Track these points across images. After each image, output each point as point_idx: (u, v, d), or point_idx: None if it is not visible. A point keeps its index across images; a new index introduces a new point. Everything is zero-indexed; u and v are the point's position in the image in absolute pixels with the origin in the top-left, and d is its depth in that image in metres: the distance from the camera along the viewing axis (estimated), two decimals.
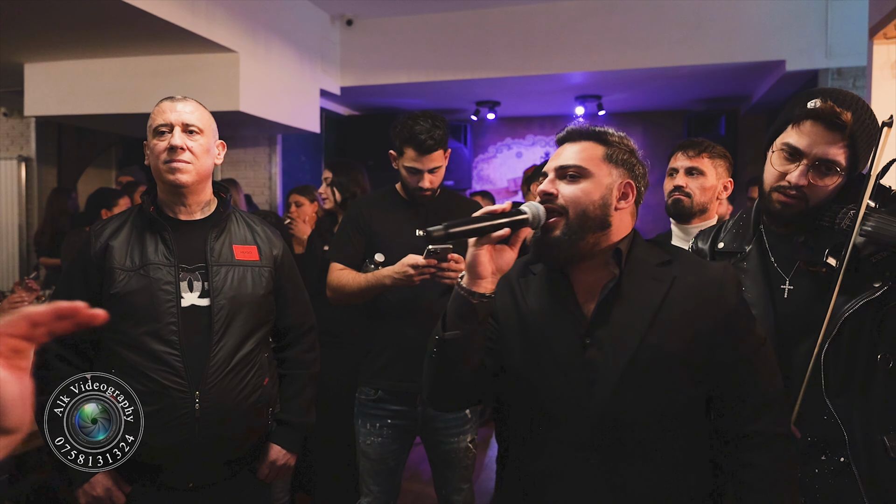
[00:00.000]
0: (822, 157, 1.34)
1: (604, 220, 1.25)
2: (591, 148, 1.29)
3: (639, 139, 8.20)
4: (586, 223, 1.24)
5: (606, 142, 1.30)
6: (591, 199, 1.24)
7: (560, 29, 5.53)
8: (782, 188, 1.39)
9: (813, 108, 1.35)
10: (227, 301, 1.73)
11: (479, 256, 1.20)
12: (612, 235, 1.27)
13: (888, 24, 2.84)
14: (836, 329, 1.31)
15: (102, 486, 1.66)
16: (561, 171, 1.27)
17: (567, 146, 1.31)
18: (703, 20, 5.21)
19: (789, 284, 1.41)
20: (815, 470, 1.37)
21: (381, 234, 2.26)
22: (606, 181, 1.26)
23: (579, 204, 1.24)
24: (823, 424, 1.35)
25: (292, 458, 1.91)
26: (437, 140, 2.18)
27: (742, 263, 1.48)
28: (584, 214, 1.24)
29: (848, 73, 4.95)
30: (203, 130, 1.74)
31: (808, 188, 1.36)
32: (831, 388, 1.34)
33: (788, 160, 1.38)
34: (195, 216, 1.79)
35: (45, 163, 6.39)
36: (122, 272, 1.69)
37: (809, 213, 1.38)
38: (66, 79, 4.87)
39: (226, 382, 1.70)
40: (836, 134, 1.33)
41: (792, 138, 1.38)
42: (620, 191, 1.28)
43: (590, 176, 1.26)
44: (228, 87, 4.56)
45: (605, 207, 1.25)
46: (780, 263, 1.44)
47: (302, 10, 5.46)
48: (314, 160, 6.91)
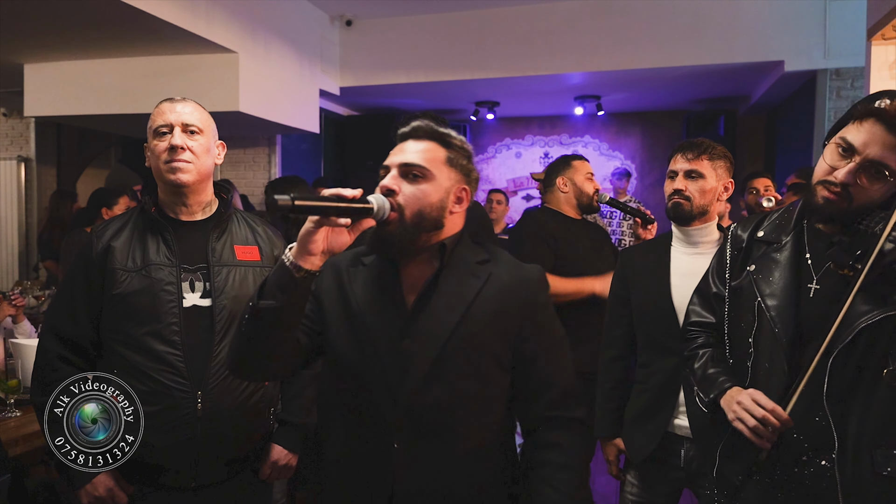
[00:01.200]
0: (875, 158, 1.29)
1: (438, 221, 1.31)
2: (435, 150, 1.33)
3: (638, 139, 8.28)
4: (422, 223, 1.29)
5: (449, 145, 1.34)
6: (429, 201, 1.29)
7: (559, 29, 5.53)
8: (828, 183, 1.34)
9: (878, 106, 1.29)
10: (229, 301, 1.73)
11: (315, 234, 1.18)
12: (442, 234, 1.33)
13: (886, 24, 2.85)
14: (850, 338, 1.29)
15: (104, 486, 1.66)
16: (405, 169, 1.30)
17: (411, 142, 1.33)
18: (702, 21, 5.22)
19: (816, 284, 1.38)
20: (794, 469, 1.36)
21: None
22: (446, 185, 1.32)
23: (418, 204, 1.28)
24: (814, 426, 1.34)
25: (294, 458, 1.91)
26: None
27: (775, 254, 1.45)
28: (420, 214, 1.28)
29: (846, 74, 4.97)
30: (203, 130, 1.74)
31: (854, 188, 1.31)
32: (832, 394, 1.32)
33: (842, 156, 1.33)
34: (196, 217, 1.80)
35: (44, 163, 6.39)
36: (124, 273, 1.69)
37: (851, 213, 1.33)
38: (65, 79, 4.87)
39: (228, 382, 1.70)
40: (894, 137, 1.28)
41: (850, 134, 1.32)
42: (457, 195, 1.34)
43: (431, 178, 1.30)
44: (228, 88, 4.57)
45: (441, 210, 1.31)
46: (813, 261, 1.40)
47: (301, 10, 5.46)
48: (314, 160, 6.91)
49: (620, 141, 8.08)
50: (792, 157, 5.73)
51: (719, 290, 1.56)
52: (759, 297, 1.42)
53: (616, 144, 8.09)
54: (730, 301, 1.52)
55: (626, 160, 8.00)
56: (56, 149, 6.49)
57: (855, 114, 1.33)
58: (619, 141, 8.08)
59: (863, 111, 1.31)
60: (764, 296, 1.42)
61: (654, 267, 2.03)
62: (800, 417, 1.35)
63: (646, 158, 7.97)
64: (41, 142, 6.34)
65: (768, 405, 1.33)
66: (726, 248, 1.57)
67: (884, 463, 1.29)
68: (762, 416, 1.33)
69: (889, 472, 1.29)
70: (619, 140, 8.08)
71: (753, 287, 1.44)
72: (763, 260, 1.46)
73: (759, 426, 1.33)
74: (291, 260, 1.20)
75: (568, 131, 8.19)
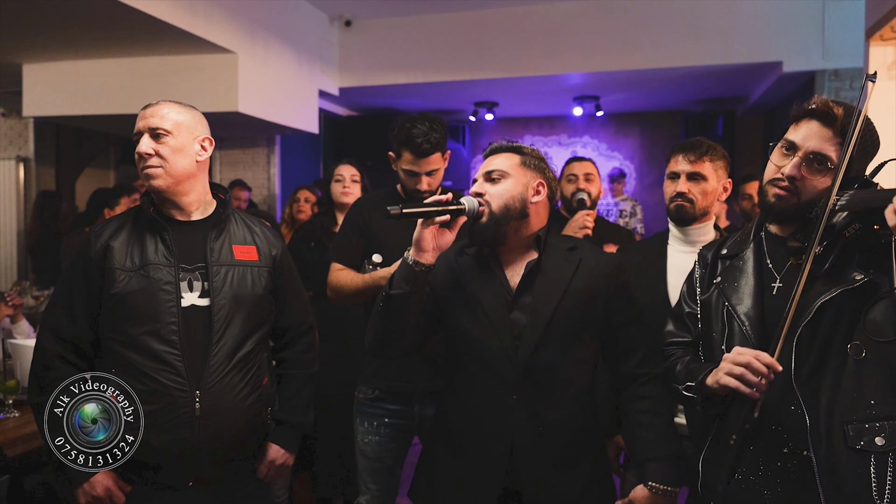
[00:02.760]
0: (815, 150, 1.40)
1: (522, 211, 1.61)
2: (510, 157, 1.65)
3: (636, 140, 8.28)
4: (507, 213, 1.59)
5: (521, 152, 1.67)
6: (511, 195, 1.60)
7: (558, 30, 5.54)
8: (776, 181, 1.44)
9: (810, 105, 1.44)
10: (227, 301, 1.73)
11: (425, 234, 1.53)
12: (531, 225, 1.64)
13: (884, 25, 2.86)
14: (811, 315, 1.35)
15: (102, 485, 1.66)
16: (487, 176, 1.63)
17: (491, 158, 1.67)
18: (701, 21, 5.23)
19: (779, 282, 1.47)
20: (777, 462, 1.39)
21: (379, 234, 2.27)
22: (523, 180, 1.63)
23: (501, 198, 1.59)
24: (790, 415, 1.37)
25: (291, 457, 1.92)
26: (433, 143, 2.19)
27: (738, 262, 1.54)
28: (505, 207, 1.59)
29: (845, 75, 4.98)
30: (172, 131, 1.71)
31: (800, 182, 1.41)
32: (801, 374, 1.36)
33: (785, 154, 1.45)
34: (194, 216, 1.80)
35: (43, 163, 6.39)
36: (123, 272, 1.69)
37: (802, 207, 1.42)
38: (64, 79, 4.87)
39: (226, 382, 1.70)
40: (829, 130, 1.41)
41: (790, 134, 1.46)
42: (535, 189, 1.63)
43: (509, 177, 1.62)
44: (227, 88, 4.57)
45: (523, 201, 1.61)
46: (774, 264, 1.49)
47: (300, 10, 5.47)
48: (313, 161, 6.91)
49: (619, 141, 8.09)
50: None
51: (692, 308, 1.64)
52: (726, 303, 1.51)
53: (615, 145, 8.10)
54: (701, 314, 1.60)
55: (624, 160, 8.01)
56: (55, 149, 6.49)
57: (792, 118, 1.47)
58: (618, 141, 8.09)
59: (798, 113, 1.46)
60: (731, 301, 1.50)
61: (651, 265, 2.04)
62: (775, 408, 1.38)
63: (644, 159, 7.98)
64: (40, 142, 6.33)
65: (751, 351, 1.36)
66: (695, 270, 1.67)
67: (856, 437, 1.32)
68: (746, 361, 1.35)
69: (863, 445, 1.31)
70: (618, 140, 8.09)
71: (721, 296, 1.53)
72: (728, 271, 1.55)
73: (745, 373, 1.34)
74: (411, 257, 1.53)
75: (567, 132, 8.20)
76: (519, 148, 1.67)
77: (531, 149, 1.68)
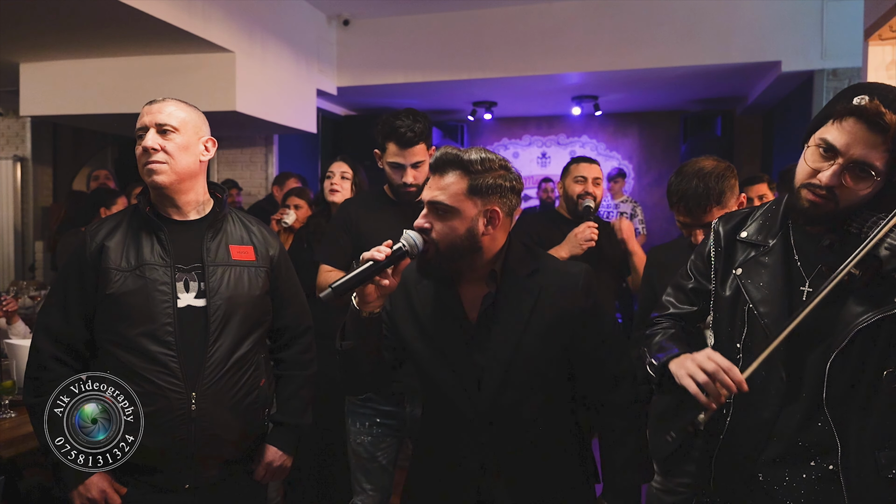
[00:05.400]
0: (859, 159, 1.25)
1: (473, 245, 1.45)
2: (457, 182, 1.43)
3: (635, 139, 8.28)
4: (455, 251, 1.44)
5: (469, 171, 1.43)
6: (457, 234, 1.43)
7: (557, 29, 5.53)
8: (812, 186, 1.30)
9: (858, 104, 1.25)
10: (224, 301, 1.72)
11: (366, 289, 1.40)
12: (485, 253, 1.48)
13: (883, 25, 2.85)
14: (846, 340, 1.27)
15: (98, 488, 1.65)
16: (432, 207, 1.45)
17: (436, 178, 1.46)
18: (700, 21, 5.23)
19: (808, 287, 1.35)
20: (803, 475, 1.34)
21: (367, 234, 2.26)
22: (471, 213, 1.43)
23: (447, 238, 1.43)
24: (817, 431, 1.32)
25: (288, 459, 1.90)
26: (417, 133, 2.19)
27: (763, 258, 1.41)
28: (452, 245, 1.43)
29: (843, 75, 4.97)
30: (179, 128, 1.70)
31: (839, 189, 1.27)
32: (832, 398, 1.30)
33: (823, 157, 1.29)
34: (190, 216, 1.78)
35: (40, 163, 6.38)
36: (118, 273, 1.68)
37: (839, 215, 1.30)
38: (61, 79, 4.85)
39: (222, 383, 1.69)
40: (877, 136, 1.23)
41: (830, 135, 1.28)
42: (486, 218, 1.45)
43: (456, 213, 1.43)
44: (225, 87, 4.56)
45: (472, 237, 1.44)
46: (803, 263, 1.37)
47: (298, 9, 5.45)
48: (311, 160, 6.90)
49: (618, 141, 8.08)
50: (789, 157, 5.74)
51: (701, 284, 1.53)
52: (749, 303, 1.39)
53: (613, 144, 8.10)
54: (715, 303, 1.49)
55: (623, 160, 8.00)
56: (52, 148, 6.48)
57: (834, 113, 1.29)
58: (617, 141, 8.08)
59: (842, 110, 1.27)
60: (755, 302, 1.38)
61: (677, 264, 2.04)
62: (802, 425, 1.33)
63: (643, 158, 7.97)
64: (37, 141, 6.32)
65: (724, 363, 1.26)
66: (708, 243, 1.53)
67: (888, 465, 1.28)
68: (713, 370, 1.25)
69: (895, 474, 1.27)
70: (617, 140, 8.09)
71: (743, 293, 1.40)
72: (751, 264, 1.42)
73: (709, 382, 1.25)
74: (357, 307, 1.43)
75: (565, 131, 8.19)
76: (467, 165, 1.43)
77: (484, 160, 1.44)
